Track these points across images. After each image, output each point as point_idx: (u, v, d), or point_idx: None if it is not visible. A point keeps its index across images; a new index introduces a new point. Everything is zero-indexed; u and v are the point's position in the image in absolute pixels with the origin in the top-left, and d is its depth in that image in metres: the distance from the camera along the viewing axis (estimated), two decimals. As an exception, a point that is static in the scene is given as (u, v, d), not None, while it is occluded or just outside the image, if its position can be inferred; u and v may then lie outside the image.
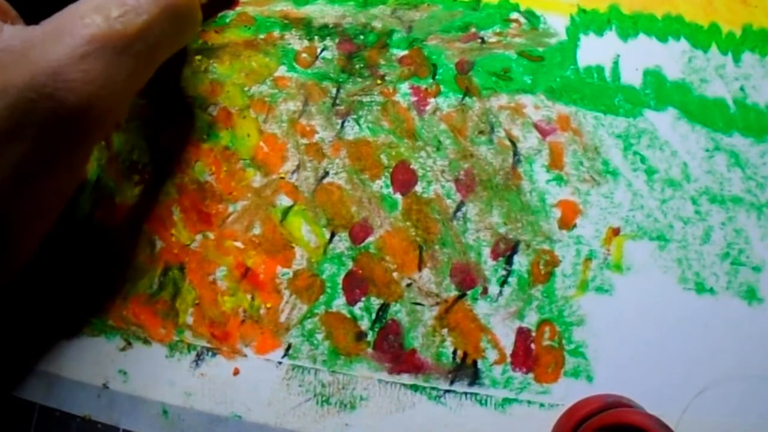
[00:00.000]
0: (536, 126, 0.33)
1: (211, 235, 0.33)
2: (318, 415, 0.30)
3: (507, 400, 0.30)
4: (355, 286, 0.32)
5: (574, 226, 0.32)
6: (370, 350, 0.31)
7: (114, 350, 0.32)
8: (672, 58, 0.34)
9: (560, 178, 0.33)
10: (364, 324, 0.31)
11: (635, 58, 0.34)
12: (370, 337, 0.31)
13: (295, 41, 0.36)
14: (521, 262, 0.32)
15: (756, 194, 0.32)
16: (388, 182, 0.33)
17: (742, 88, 0.33)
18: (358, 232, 0.33)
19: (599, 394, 0.29)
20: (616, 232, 0.32)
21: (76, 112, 0.25)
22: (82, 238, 0.34)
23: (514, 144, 0.33)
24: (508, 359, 0.30)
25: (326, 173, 0.34)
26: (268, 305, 0.32)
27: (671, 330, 0.30)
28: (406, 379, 0.30)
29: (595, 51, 0.34)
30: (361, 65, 0.35)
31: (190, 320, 0.32)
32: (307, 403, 0.31)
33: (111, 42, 0.26)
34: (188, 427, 0.31)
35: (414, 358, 0.31)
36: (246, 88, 0.35)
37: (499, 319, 0.31)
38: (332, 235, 0.33)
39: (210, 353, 0.32)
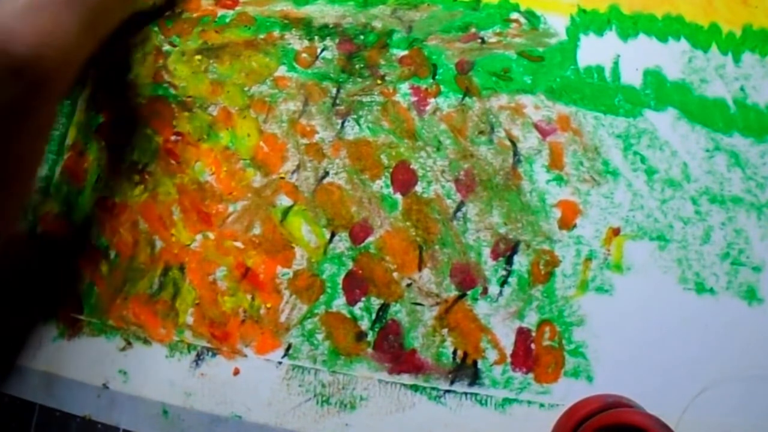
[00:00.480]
0: (536, 126, 0.33)
1: (211, 235, 0.33)
2: (318, 415, 0.30)
3: (507, 400, 0.30)
4: (355, 286, 0.32)
5: (574, 226, 0.32)
6: (370, 350, 0.31)
7: (114, 350, 0.32)
8: (672, 58, 0.34)
9: (560, 178, 0.33)
10: (364, 324, 0.31)
11: (635, 58, 0.34)
12: (370, 337, 0.31)
13: (295, 41, 0.36)
14: (521, 262, 0.32)
15: (756, 194, 0.32)
16: (388, 182, 0.33)
17: (742, 88, 0.33)
18: (358, 232, 0.33)
19: (599, 394, 0.29)
20: (616, 232, 0.32)
21: (29, 62, 0.25)
22: (82, 237, 0.34)
23: (514, 144, 0.33)
24: (508, 359, 0.30)
25: (326, 173, 0.34)
26: (268, 305, 0.32)
27: (671, 330, 0.30)
28: (406, 379, 0.30)
29: (595, 51, 0.34)
30: (361, 65, 0.35)
31: (190, 320, 0.32)
32: (307, 403, 0.31)
33: None
34: (188, 427, 0.31)
35: (414, 358, 0.31)
36: (246, 88, 0.35)
37: (499, 319, 0.31)
38: (332, 235, 0.33)
39: (210, 353, 0.32)
